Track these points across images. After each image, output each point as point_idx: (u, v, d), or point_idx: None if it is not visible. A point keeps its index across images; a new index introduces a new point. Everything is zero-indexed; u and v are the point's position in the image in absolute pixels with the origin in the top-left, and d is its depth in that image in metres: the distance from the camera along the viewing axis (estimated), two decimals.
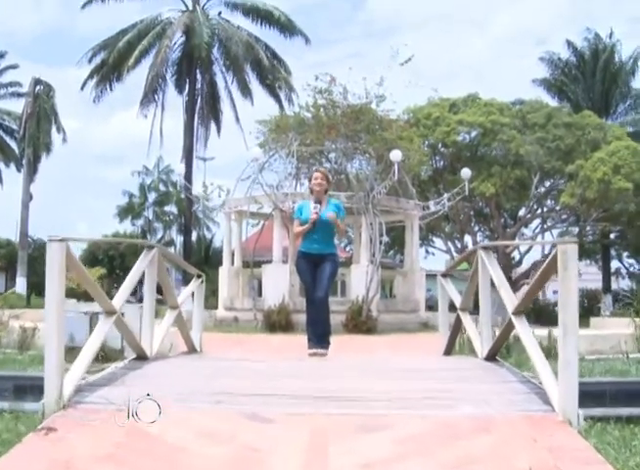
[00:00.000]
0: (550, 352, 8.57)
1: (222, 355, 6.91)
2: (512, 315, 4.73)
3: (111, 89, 34.17)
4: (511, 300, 4.91)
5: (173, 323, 6.60)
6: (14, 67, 47.42)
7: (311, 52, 70.19)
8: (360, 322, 15.61)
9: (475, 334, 6.19)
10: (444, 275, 7.65)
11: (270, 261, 17.52)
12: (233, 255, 19.66)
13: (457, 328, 7.04)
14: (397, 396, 4.01)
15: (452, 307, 7.45)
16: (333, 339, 7.05)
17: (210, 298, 22.32)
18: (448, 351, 7.28)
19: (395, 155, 16.06)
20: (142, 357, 5.25)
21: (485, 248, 5.65)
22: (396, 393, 4.09)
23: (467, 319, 6.54)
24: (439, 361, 6.19)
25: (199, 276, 7.58)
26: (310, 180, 7.13)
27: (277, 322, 15.78)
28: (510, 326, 4.93)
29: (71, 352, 8.35)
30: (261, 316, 16.38)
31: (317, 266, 6.77)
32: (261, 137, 19.56)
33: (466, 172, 18.74)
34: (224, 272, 18.90)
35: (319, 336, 6.72)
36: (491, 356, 5.49)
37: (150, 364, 5.00)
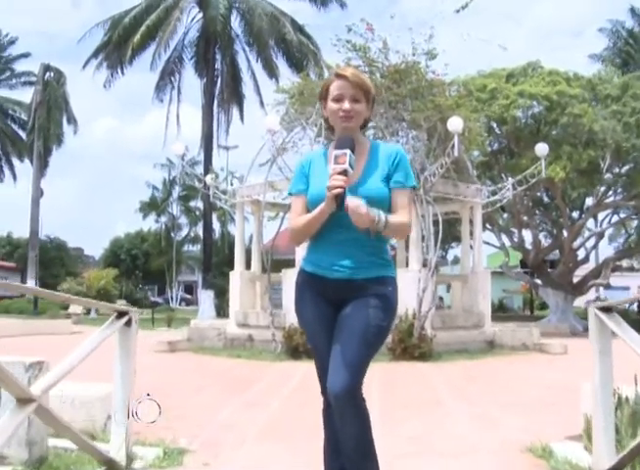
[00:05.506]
0: None
1: None
2: None
3: (122, 73, 30.73)
4: None
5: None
6: (25, 55, 44.66)
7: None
8: (411, 345, 11.76)
9: None
10: (607, 309, 3.78)
11: (293, 265, 13.73)
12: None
13: None
14: None
15: None
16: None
17: None
18: (623, 464, 3.48)
19: (455, 123, 12.04)
20: None
21: None
22: None
23: None
24: None
25: (121, 315, 3.84)
26: (325, 98, 2.82)
27: (301, 345, 11.98)
28: None
29: None
30: (281, 336, 12.63)
31: (341, 310, 2.71)
32: (282, 110, 15.74)
33: (542, 148, 14.82)
34: (236, 278, 15.08)
35: None
36: None
37: None
